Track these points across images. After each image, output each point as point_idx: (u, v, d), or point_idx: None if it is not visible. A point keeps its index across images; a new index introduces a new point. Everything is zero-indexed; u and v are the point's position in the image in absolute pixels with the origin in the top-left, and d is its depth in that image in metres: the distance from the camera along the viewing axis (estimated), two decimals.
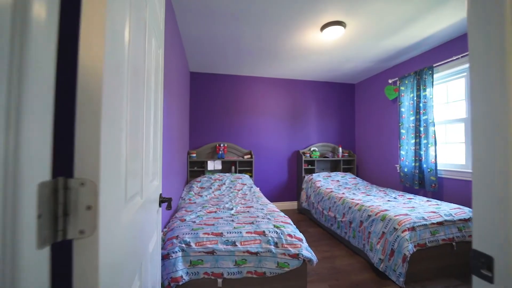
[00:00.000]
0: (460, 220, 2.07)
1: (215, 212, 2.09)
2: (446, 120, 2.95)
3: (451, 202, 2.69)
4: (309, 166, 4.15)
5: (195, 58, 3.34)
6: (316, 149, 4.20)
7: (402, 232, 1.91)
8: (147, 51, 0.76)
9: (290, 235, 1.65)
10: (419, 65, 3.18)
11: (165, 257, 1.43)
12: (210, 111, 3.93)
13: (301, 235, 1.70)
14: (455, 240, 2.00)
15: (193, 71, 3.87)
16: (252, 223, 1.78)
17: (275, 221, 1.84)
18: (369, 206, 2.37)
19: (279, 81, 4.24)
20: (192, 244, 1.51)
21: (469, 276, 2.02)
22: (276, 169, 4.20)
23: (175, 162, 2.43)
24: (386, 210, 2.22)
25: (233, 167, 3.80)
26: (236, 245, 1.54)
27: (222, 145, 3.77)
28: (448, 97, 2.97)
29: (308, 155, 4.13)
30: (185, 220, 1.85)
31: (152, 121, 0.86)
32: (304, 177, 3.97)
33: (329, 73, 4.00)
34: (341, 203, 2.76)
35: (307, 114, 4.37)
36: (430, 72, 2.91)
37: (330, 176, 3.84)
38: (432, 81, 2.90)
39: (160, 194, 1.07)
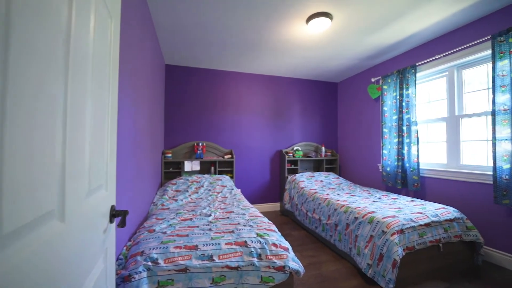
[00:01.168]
0: (446, 220, 2.03)
1: (191, 219, 1.85)
2: (428, 120, 2.95)
3: (433, 202, 2.69)
4: (292, 166, 4.03)
5: (171, 49, 3.06)
6: (299, 149, 4.08)
7: (391, 235, 1.81)
8: (77, 7, 0.52)
9: (275, 245, 1.47)
10: (402, 64, 3.17)
11: (126, 279, 1.18)
12: (188, 108, 3.65)
13: (287, 244, 1.53)
14: (441, 241, 1.95)
15: (169, 64, 3.56)
16: (233, 231, 1.58)
17: (258, 228, 1.65)
18: (355, 208, 2.27)
19: (263, 77, 4.06)
20: (161, 261, 1.27)
21: (456, 278, 2.00)
22: (258, 169, 4.02)
23: (146, 163, 2.15)
24: (373, 212, 2.12)
25: (212, 168, 3.56)
26: (213, 260, 1.33)
27: (200, 144, 3.51)
28: (430, 96, 2.98)
29: (291, 154, 4.00)
30: (154, 230, 1.60)
31: (91, 107, 0.62)
32: (287, 177, 3.84)
33: (313, 71, 3.89)
34: (326, 204, 2.64)
35: (291, 113, 4.24)
36: (413, 71, 2.90)
37: (313, 176, 3.74)
38: (415, 80, 2.88)
39: (112, 206, 0.83)
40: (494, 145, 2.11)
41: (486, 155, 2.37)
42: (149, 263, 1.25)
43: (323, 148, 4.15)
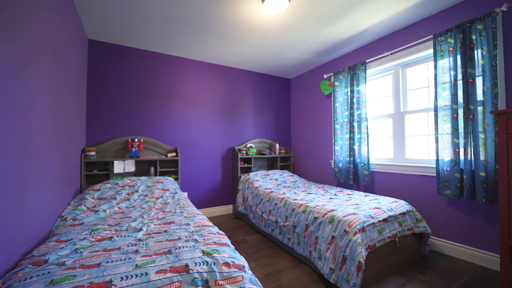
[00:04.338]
0: (400, 214, 2.02)
1: (111, 238, 1.35)
2: (376, 116, 3.04)
3: (382, 195, 2.75)
4: (246, 164, 3.74)
5: (96, 20, 2.40)
6: (253, 146, 3.82)
7: (354, 234, 1.67)
8: None
9: (227, 264, 1.12)
10: (353, 61, 3.21)
11: None
12: (121, 96, 2.98)
13: (242, 261, 1.20)
14: (397, 235, 1.92)
15: (94, 39, 2.84)
16: (169, 251, 1.16)
17: (205, 243, 1.27)
18: (314, 207, 2.10)
19: (214, 67, 3.66)
20: None
21: (409, 271, 2.01)
22: (208, 169, 3.59)
23: (44, 164, 1.52)
24: (333, 210, 1.98)
25: (152, 169, 2.98)
26: None
27: (136, 140, 2.90)
28: (378, 93, 3.08)
29: (245, 152, 3.71)
30: (45, 261, 1.06)
31: None
32: (240, 176, 3.53)
33: (268, 63, 3.68)
34: (283, 204, 2.42)
35: (244, 108, 3.95)
36: (363, 67, 2.94)
37: (268, 175, 3.53)
38: (365, 77, 2.93)
39: None
40: (436, 138, 2.21)
41: (427, 149, 2.51)
42: None
43: (277, 145, 3.99)
